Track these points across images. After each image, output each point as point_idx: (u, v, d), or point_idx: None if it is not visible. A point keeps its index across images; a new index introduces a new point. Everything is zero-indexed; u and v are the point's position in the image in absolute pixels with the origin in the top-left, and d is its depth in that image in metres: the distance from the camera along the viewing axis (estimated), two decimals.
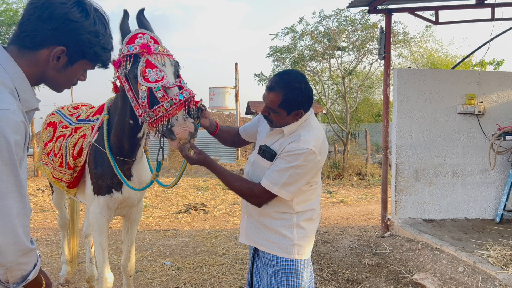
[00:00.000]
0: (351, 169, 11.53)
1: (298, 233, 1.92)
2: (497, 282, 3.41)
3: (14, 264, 1.13)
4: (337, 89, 15.31)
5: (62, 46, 1.22)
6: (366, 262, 4.34)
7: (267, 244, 1.96)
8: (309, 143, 1.80)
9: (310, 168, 1.83)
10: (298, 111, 1.84)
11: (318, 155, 1.82)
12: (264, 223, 1.96)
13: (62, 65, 1.26)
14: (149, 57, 1.93)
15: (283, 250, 1.92)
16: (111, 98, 2.62)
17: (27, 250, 1.16)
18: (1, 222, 1.09)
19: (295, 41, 13.62)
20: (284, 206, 1.91)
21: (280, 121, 1.88)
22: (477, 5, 5.67)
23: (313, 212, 1.99)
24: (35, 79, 1.27)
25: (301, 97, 1.81)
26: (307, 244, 1.97)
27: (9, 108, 1.11)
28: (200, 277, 3.96)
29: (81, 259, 4.29)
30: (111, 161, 2.45)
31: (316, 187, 1.98)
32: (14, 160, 1.11)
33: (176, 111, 1.86)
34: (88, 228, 3.67)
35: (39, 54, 1.23)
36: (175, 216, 6.79)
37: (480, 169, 5.50)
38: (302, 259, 1.94)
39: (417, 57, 16.80)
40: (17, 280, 1.18)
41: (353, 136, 19.70)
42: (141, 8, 2.15)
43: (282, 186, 1.82)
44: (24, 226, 1.14)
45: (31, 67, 1.24)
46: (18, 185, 1.13)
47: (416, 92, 5.40)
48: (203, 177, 11.21)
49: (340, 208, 7.67)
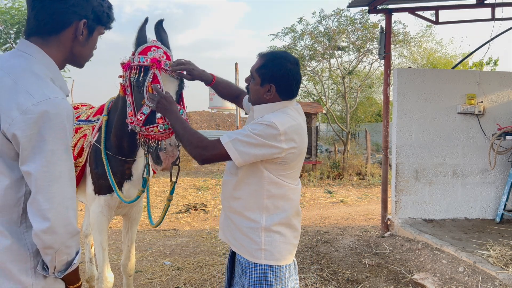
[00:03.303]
0: (351, 169, 11.53)
1: (266, 238, 1.77)
2: (497, 282, 3.41)
3: (62, 247, 1.18)
4: (337, 89, 15.32)
5: (83, 19, 1.27)
6: (366, 262, 4.34)
7: (236, 244, 1.85)
8: (274, 119, 1.69)
9: (267, 144, 1.66)
10: (270, 86, 1.76)
11: (281, 135, 1.66)
12: (233, 219, 1.84)
13: (85, 38, 1.31)
14: (157, 72, 1.95)
15: (250, 254, 1.79)
16: (111, 99, 2.62)
17: (75, 232, 1.21)
18: (55, 204, 1.14)
19: (295, 41, 13.62)
20: (253, 202, 1.78)
21: (254, 92, 1.83)
22: (477, 5, 5.67)
23: (286, 215, 1.81)
24: (62, 63, 1.32)
25: (278, 72, 1.75)
26: (280, 250, 1.79)
27: (60, 96, 1.18)
28: (200, 277, 3.96)
29: (81, 259, 4.28)
30: (105, 163, 2.47)
31: (289, 186, 1.81)
32: (69, 146, 1.18)
33: (168, 135, 1.92)
34: (88, 227, 3.67)
35: (64, 36, 1.27)
36: (175, 216, 6.79)
37: (480, 169, 5.50)
38: (274, 265, 1.78)
39: (417, 57, 16.82)
40: (63, 265, 1.22)
41: (353, 136, 19.71)
42: (160, 19, 2.17)
43: (234, 141, 1.67)
44: (73, 209, 1.20)
45: (60, 51, 1.28)
46: (71, 170, 1.20)
47: (416, 92, 5.40)
48: (203, 177, 11.21)
49: (340, 208, 7.67)
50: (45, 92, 1.14)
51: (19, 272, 1.18)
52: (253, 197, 1.78)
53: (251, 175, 1.78)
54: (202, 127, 19.32)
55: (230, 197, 1.86)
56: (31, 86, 1.14)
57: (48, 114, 1.11)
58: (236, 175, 1.82)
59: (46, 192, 1.12)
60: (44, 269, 1.21)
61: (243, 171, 1.78)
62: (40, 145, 1.11)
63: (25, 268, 1.19)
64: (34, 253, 1.20)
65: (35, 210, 1.13)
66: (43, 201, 1.12)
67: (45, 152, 1.12)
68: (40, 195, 1.12)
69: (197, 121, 22.63)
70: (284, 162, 1.75)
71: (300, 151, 1.78)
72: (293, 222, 1.86)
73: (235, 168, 1.82)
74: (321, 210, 7.41)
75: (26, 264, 1.19)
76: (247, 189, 1.79)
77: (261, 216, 1.78)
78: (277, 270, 1.79)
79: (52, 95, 1.14)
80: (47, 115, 1.11)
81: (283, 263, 1.81)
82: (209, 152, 1.72)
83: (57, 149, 1.14)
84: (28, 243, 1.19)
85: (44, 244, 1.15)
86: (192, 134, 1.78)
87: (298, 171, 1.88)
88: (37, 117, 1.10)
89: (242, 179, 1.80)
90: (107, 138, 2.50)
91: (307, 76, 14.46)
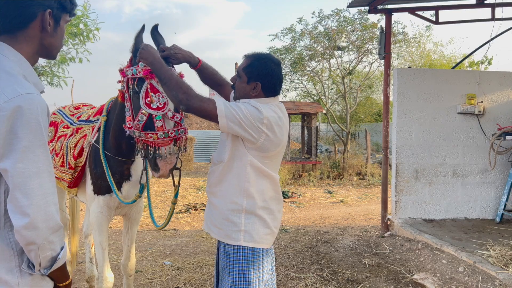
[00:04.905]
0: (351, 169, 11.53)
1: (246, 219, 1.87)
2: (497, 282, 3.41)
3: (45, 242, 1.17)
4: (337, 89, 15.33)
5: (48, 9, 1.26)
6: (366, 262, 4.35)
7: (216, 231, 1.93)
8: (257, 104, 1.83)
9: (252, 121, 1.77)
10: (256, 83, 1.90)
11: (264, 119, 1.79)
12: (216, 204, 1.93)
13: (53, 28, 1.30)
14: (152, 81, 1.95)
15: (228, 237, 1.88)
16: (111, 99, 2.62)
17: (58, 227, 1.20)
18: (34, 200, 1.14)
19: (294, 41, 13.63)
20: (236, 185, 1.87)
21: (240, 90, 1.95)
22: (477, 5, 5.68)
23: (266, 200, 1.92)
24: (34, 57, 1.31)
25: (263, 70, 1.90)
26: (259, 233, 1.89)
27: (32, 92, 1.17)
28: (200, 277, 3.96)
29: (81, 259, 4.29)
30: (103, 163, 2.47)
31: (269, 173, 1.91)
32: (46, 141, 1.18)
33: (167, 143, 1.93)
34: (88, 228, 3.67)
35: (32, 29, 1.26)
36: (175, 216, 6.79)
37: (480, 169, 5.51)
38: (252, 247, 1.87)
39: (415, 58, 16.82)
40: (48, 261, 1.22)
41: (353, 136, 19.71)
42: (155, 24, 2.17)
43: (225, 103, 1.79)
44: (54, 204, 1.20)
45: (30, 46, 1.28)
46: (49, 165, 1.19)
47: (416, 92, 5.40)
48: (203, 177, 11.21)
49: (340, 208, 7.67)
50: (16, 88, 1.14)
51: (4, 272, 1.17)
52: (236, 180, 1.88)
53: (236, 159, 1.88)
54: (202, 127, 19.32)
55: (214, 184, 1.96)
56: (2, 84, 1.14)
57: (21, 109, 1.11)
58: (223, 161, 1.91)
59: (24, 188, 1.12)
60: (29, 267, 1.21)
61: (229, 156, 1.89)
62: (14, 142, 1.11)
63: (10, 268, 1.18)
64: (19, 252, 1.20)
65: (14, 207, 1.13)
66: (22, 197, 1.12)
67: (20, 148, 1.11)
68: (18, 192, 1.12)
69: (197, 121, 22.62)
70: (261, 149, 1.86)
71: (279, 142, 1.89)
72: (272, 208, 1.96)
73: (222, 156, 1.92)
74: (321, 210, 7.41)
75: (11, 263, 1.19)
76: (231, 173, 1.89)
77: (242, 198, 1.88)
78: (254, 253, 1.89)
79: (24, 91, 1.14)
80: (20, 111, 1.11)
81: (261, 246, 1.91)
82: (197, 101, 1.79)
83: (32, 145, 1.13)
84: (13, 242, 1.19)
85: (26, 240, 1.14)
86: (181, 81, 1.86)
87: (277, 164, 2.00)
88: (9, 114, 1.10)
89: (227, 164, 1.89)
90: (106, 139, 2.50)
91: (307, 76, 14.47)
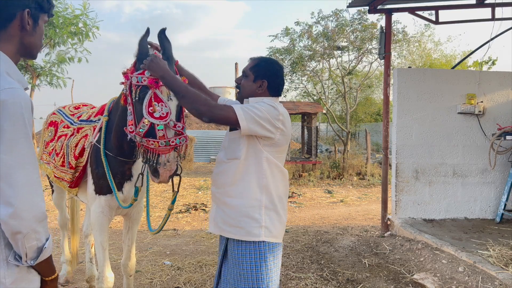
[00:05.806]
0: (351, 169, 11.53)
1: (266, 215, 1.92)
2: (497, 282, 3.41)
3: (30, 231, 1.20)
4: (337, 89, 15.33)
5: (26, 8, 1.30)
6: (366, 262, 4.35)
7: (232, 230, 1.96)
8: (271, 102, 1.94)
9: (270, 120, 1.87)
10: (262, 81, 2.01)
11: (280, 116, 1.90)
12: (230, 204, 1.95)
13: (32, 27, 1.34)
14: (157, 91, 1.95)
15: (249, 233, 1.91)
16: (112, 99, 2.62)
17: (43, 217, 1.23)
18: (19, 190, 1.17)
19: (293, 42, 13.64)
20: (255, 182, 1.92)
21: (246, 88, 2.05)
22: (477, 5, 5.68)
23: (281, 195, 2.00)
24: (16, 57, 1.34)
25: (269, 71, 2.05)
26: (277, 228, 1.97)
27: (16, 87, 1.20)
28: (200, 277, 3.96)
29: (81, 259, 4.29)
30: (104, 163, 2.46)
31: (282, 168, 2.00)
32: (29, 134, 1.21)
33: (168, 151, 1.94)
34: (88, 227, 3.67)
35: (12, 29, 1.30)
36: (175, 216, 6.79)
37: (480, 169, 5.51)
38: (271, 242, 1.94)
39: (415, 58, 16.82)
40: (34, 252, 1.24)
41: (353, 136, 19.72)
42: (163, 28, 2.14)
43: (242, 108, 1.86)
44: (39, 194, 1.23)
45: (11, 45, 1.31)
46: (33, 157, 1.23)
47: (416, 92, 5.40)
48: (203, 177, 11.21)
49: (340, 208, 7.67)
50: (1, 83, 1.17)
51: None
52: (255, 176, 1.93)
53: (251, 156, 1.93)
54: (202, 127, 19.30)
55: (228, 183, 1.98)
56: None
57: (5, 103, 1.15)
58: (237, 158, 1.95)
59: (8, 179, 1.16)
60: (16, 259, 1.23)
61: (244, 153, 1.93)
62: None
63: None
64: (6, 245, 1.22)
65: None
66: (7, 188, 1.15)
67: (4, 141, 1.15)
68: (2, 183, 1.15)
69: (197, 120, 22.66)
70: (276, 145, 1.95)
71: (289, 136, 2.02)
72: (284, 202, 2.04)
73: (235, 153, 1.96)
74: (321, 210, 7.41)
75: None
76: (249, 170, 1.94)
77: (261, 195, 1.93)
78: (272, 248, 1.95)
79: (8, 85, 1.18)
80: (4, 104, 1.15)
81: (278, 240, 1.99)
82: (218, 111, 1.87)
83: (16, 137, 1.17)
84: (0, 235, 1.21)
85: (12, 229, 1.17)
86: (197, 93, 1.89)
87: (284, 158, 2.09)
88: None
89: (243, 162, 1.94)
90: (107, 139, 2.50)
91: (306, 76, 14.47)
